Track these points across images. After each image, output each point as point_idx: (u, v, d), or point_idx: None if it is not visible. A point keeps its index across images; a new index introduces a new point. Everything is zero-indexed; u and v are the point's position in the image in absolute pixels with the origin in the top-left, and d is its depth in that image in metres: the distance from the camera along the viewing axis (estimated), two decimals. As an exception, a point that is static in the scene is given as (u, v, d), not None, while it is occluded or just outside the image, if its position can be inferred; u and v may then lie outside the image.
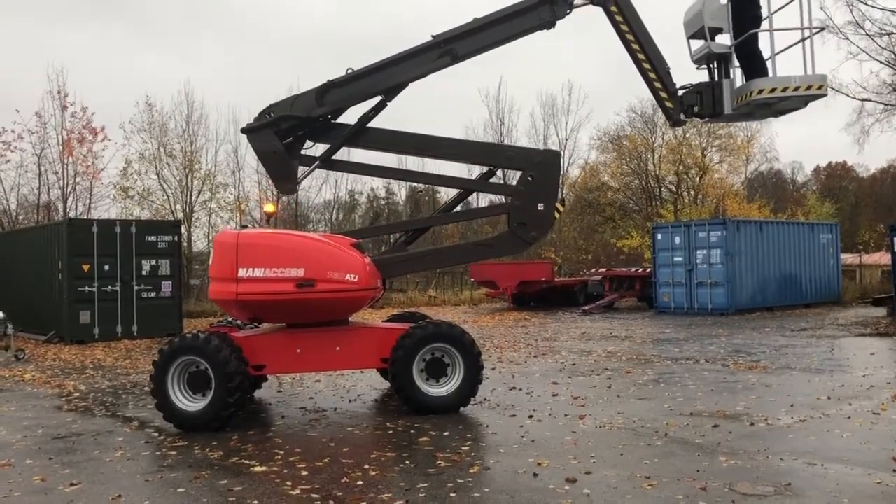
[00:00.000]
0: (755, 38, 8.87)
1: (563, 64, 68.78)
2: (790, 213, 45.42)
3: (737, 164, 47.18)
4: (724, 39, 9.06)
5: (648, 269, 27.65)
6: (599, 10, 9.00)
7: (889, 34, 26.05)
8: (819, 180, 71.70)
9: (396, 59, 8.91)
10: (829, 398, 8.89)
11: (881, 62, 26.99)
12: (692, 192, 43.80)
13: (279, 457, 6.63)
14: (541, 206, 8.93)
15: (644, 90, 9.24)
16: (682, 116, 9.25)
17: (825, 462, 6.05)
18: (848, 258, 37.58)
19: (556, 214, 9.11)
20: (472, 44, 8.93)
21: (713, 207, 41.51)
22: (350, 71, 8.90)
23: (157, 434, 7.75)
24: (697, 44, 9.22)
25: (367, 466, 6.21)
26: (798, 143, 77.98)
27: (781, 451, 6.45)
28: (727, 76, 9.06)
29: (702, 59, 9.19)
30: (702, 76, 9.33)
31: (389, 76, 8.93)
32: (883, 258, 35.00)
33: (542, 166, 9.05)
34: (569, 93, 60.04)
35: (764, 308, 24.69)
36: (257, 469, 6.25)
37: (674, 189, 43.75)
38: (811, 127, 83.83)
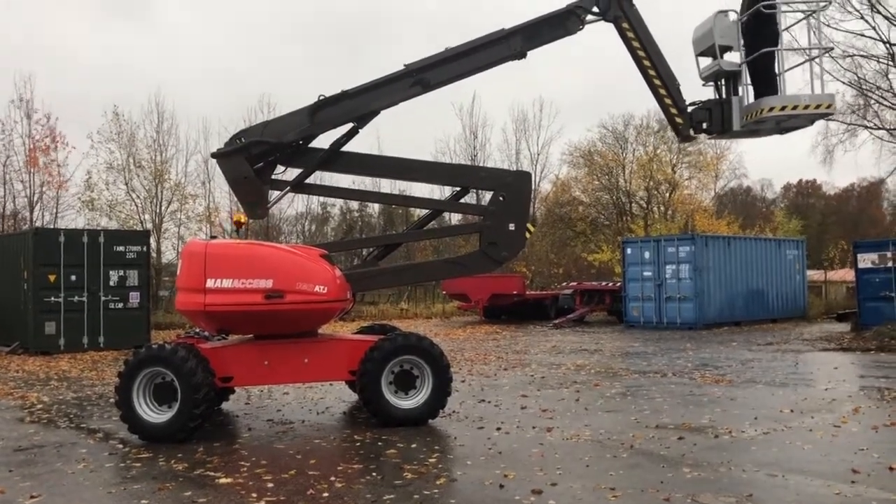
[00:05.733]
0: (772, 56, 9.02)
1: (536, 79, 69.38)
2: (758, 229, 46.09)
3: (706, 180, 48.02)
4: (733, 57, 9.21)
5: (618, 284, 27.88)
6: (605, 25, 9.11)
7: (852, 56, 26.68)
8: (788, 197, 72.86)
9: (368, 86, 8.91)
10: (792, 411, 9.03)
11: (844, 83, 27.62)
12: (662, 208, 44.38)
13: (245, 468, 6.58)
14: (512, 226, 8.99)
15: (615, 107, 9.45)
16: (692, 132, 9.36)
17: (786, 473, 6.14)
18: (814, 274, 38.17)
19: (527, 234, 9.18)
20: (443, 73, 8.98)
21: (683, 223, 42.05)
22: (321, 97, 8.88)
23: (121, 446, 7.65)
24: (706, 61, 9.36)
25: (333, 478, 6.18)
26: (771, 161, 79.28)
27: (744, 462, 6.54)
28: (735, 93, 9.20)
29: (710, 77, 9.33)
30: (707, 93, 9.47)
31: (361, 104, 8.90)
32: (847, 275, 35.63)
33: (513, 187, 9.12)
34: (540, 108, 60.16)
35: (731, 323, 25.00)
36: (222, 481, 6.20)
37: (644, 204, 44.29)
38: (782, 145, 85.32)
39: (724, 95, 9.29)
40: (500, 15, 64.66)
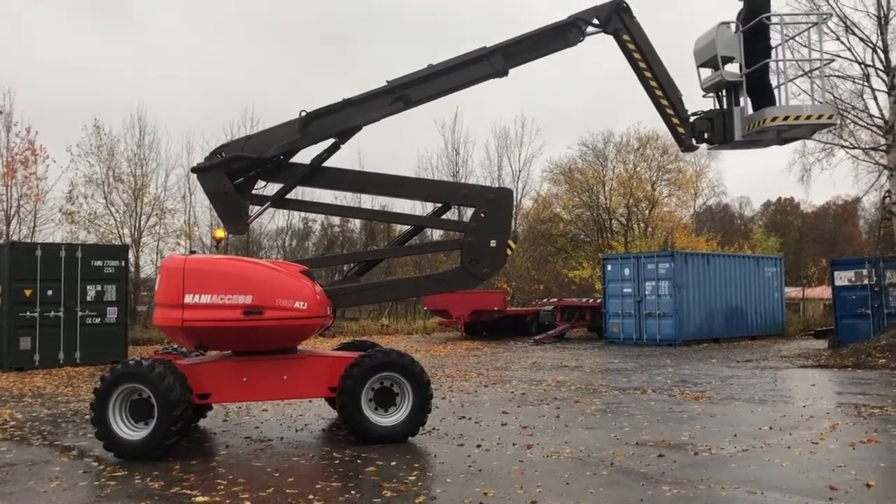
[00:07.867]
0: (766, 68, 9.13)
1: (518, 96, 69.78)
2: (737, 246, 46.50)
3: (685, 198, 48.42)
4: (734, 68, 9.30)
5: (599, 300, 27.97)
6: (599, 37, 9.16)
7: (828, 76, 27.01)
8: (766, 215, 73.53)
9: (351, 102, 8.91)
10: (770, 428, 9.07)
11: (821, 102, 27.94)
12: (642, 225, 44.65)
13: (222, 487, 6.50)
14: (493, 243, 9.00)
15: (595, 124, 9.47)
16: (693, 142, 9.42)
17: (765, 490, 6.16)
18: (792, 291, 38.56)
19: (508, 251, 9.19)
20: (425, 90, 8.98)
21: (662, 240, 42.34)
22: (303, 113, 8.86)
23: (96, 463, 7.54)
24: (707, 72, 9.45)
25: (311, 496, 6.13)
26: (750, 179, 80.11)
27: (724, 479, 6.55)
28: (736, 104, 9.29)
29: (711, 88, 9.41)
30: (706, 104, 9.56)
31: (342, 119, 8.90)
32: (825, 292, 35.98)
33: (494, 203, 9.14)
34: (521, 125, 60.87)
35: (710, 339, 25.12)
36: (199, 499, 6.11)
37: (624, 221, 44.56)
38: (762, 163, 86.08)
39: (724, 106, 9.38)
40: (500, 15, 64.78)
